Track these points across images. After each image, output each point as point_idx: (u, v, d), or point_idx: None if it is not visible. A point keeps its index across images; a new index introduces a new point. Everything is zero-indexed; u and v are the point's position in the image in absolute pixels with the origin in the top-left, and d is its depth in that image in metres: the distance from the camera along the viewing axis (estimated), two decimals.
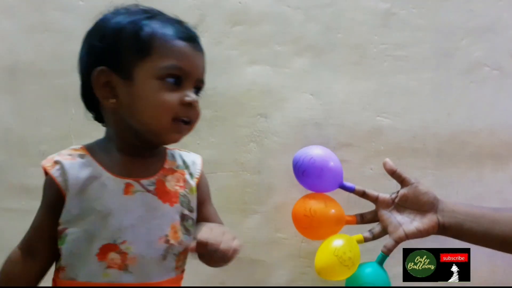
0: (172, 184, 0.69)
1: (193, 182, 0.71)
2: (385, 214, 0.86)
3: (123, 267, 0.62)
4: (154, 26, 0.64)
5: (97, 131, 1.01)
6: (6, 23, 1.00)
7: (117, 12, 0.69)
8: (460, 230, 0.83)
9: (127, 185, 0.65)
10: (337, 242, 0.86)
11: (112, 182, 0.64)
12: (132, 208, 0.64)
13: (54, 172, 0.64)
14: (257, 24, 1.03)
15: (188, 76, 0.65)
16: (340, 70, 1.04)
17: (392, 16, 1.05)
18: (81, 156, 0.66)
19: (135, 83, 0.63)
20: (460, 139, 1.04)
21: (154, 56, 0.63)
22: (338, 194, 0.93)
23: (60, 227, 0.63)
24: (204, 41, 0.76)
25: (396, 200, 0.86)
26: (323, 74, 1.04)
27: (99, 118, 0.71)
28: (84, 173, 0.64)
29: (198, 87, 0.68)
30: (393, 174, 0.86)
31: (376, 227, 0.89)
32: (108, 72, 0.63)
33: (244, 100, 1.01)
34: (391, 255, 0.86)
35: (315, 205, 0.89)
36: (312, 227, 0.89)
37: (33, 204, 0.98)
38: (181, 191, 0.69)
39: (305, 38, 1.04)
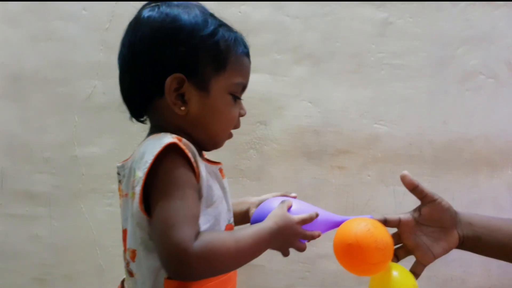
0: None
1: None
2: (410, 237, 0.77)
3: None
4: (228, 39, 0.65)
5: (100, 138, 1.03)
6: (10, 32, 1.02)
7: (182, 8, 0.65)
8: (478, 243, 0.77)
9: (220, 170, 0.68)
10: (407, 274, 0.74)
11: (214, 169, 0.67)
12: (227, 189, 0.68)
13: (191, 156, 0.58)
14: (256, 33, 1.05)
15: (244, 90, 0.69)
16: (338, 78, 1.06)
17: (389, 26, 1.07)
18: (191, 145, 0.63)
19: (211, 96, 0.64)
20: (456, 146, 1.05)
21: (228, 71, 0.65)
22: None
23: None
24: None
25: (419, 220, 0.76)
26: (321, 82, 1.05)
27: (136, 115, 0.68)
28: (201, 161, 0.62)
29: None
30: (414, 189, 0.75)
31: (399, 250, 0.79)
32: (183, 80, 0.62)
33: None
34: None
35: (382, 234, 0.71)
36: (385, 262, 0.72)
37: (37, 210, 1.01)
38: None
39: (304, 47, 1.06)
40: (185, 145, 0.59)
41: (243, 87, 0.67)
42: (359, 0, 1.06)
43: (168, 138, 0.58)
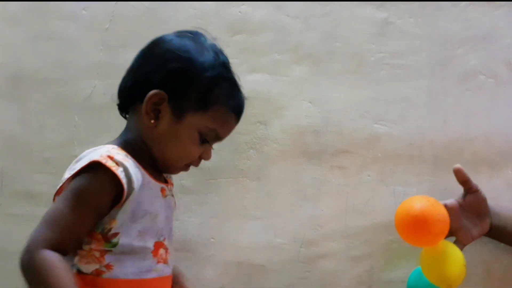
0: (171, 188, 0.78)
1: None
2: (455, 220, 0.89)
3: (166, 261, 0.71)
4: (224, 91, 0.71)
5: (100, 138, 1.03)
6: (10, 32, 1.02)
7: (201, 43, 0.72)
8: (503, 232, 0.92)
9: (162, 189, 0.72)
10: (457, 250, 0.88)
11: (154, 186, 0.70)
12: (164, 209, 0.72)
13: (120, 173, 0.63)
14: (256, 33, 1.05)
15: (217, 140, 0.74)
16: (338, 78, 1.06)
17: (389, 25, 1.07)
18: (130, 159, 0.68)
19: (181, 126, 0.69)
20: (456, 146, 1.05)
21: (208, 114, 0.70)
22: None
23: (111, 232, 0.65)
24: None
25: (463, 205, 0.91)
26: (321, 82, 1.05)
27: (121, 109, 0.77)
28: (139, 176, 0.67)
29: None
30: (465, 182, 0.91)
31: None
32: (164, 99, 0.68)
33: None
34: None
35: (442, 209, 0.85)
36: (444, 234, 0.86)
37: (37, 210, 1.00)
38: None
39: (304, 46, 1.06)
40: (118, 161, 0.63)
41: (216, 135, 0.72)
42: (359, 0, 1.07)
43: (100, 153, 0.64)
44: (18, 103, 1.01)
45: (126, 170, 0.64)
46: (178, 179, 0.94)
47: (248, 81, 1.04)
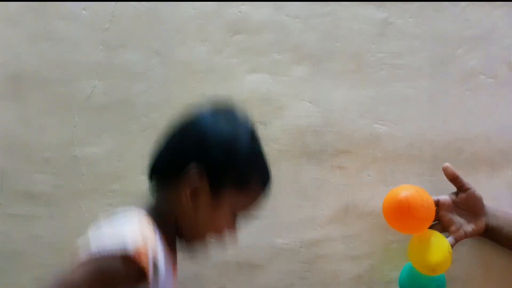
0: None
1: None
2: (447, 215, 0.93)
3: None
4: (258, 167, 0.73)
5: (100, 139, 1.03)
6: (10, 32, 1.02)
7: (236, 120, 0.74)
8: (499, 233, 0.93)
9: (174, 268, 0.74)
10: (444, 238, 0.91)
11: (169, 274, 0.70)
12: None
13: (150, 270, 0.63)
14: (256, 33, 1.05)
15: (246, 214, 0.74)
16: (338, 78, 1.06)
17: (389, 25, 1.07)
18: (157, 235, 0.68)
19: (218, 208, 0.70)
20: (456, 146, 1.05)
21: (243, 196, 0.71)
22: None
23: None
24: (204, 50, 0.78)
25: (456, 201, 0.93)
26: (321, 82, 1.05)
27: (151, 175, 0.75)
28: (163, 265, 0.67)
29: None
30: (455, 179, 0.93)
31: (435, 225, 0.95)
32: (205, 183, 0.69)
33: (244, 107, 1.03)
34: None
35: (427, 197, 0.91)
36: (428, 220, 0.91)
37: (37, 210, 1.01)
38: None
39: (304, 47, 1.06)
40: (150, 253, 0.62)
41: (248, 213, 0.74)
42: (359, 0, 1.07)
43: (132, 235, 0.62)
44: (18, 103, 1.01)
45: (155, 265, 0.64)
46: None
47: (248, 81, 1.04)
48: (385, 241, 1.02)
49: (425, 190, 0.93)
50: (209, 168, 0.69)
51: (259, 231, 1.03)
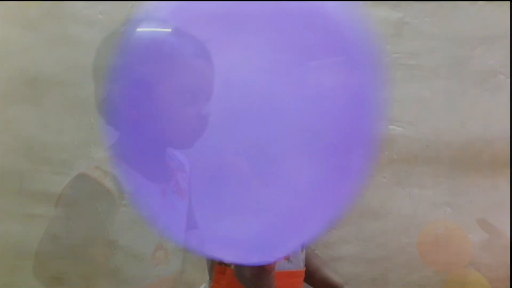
0: None
1: None
2: None
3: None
4: None
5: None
6: (29, 37, 1.04)
7: None
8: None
9: None
10: None
11: None
12: None
13: None
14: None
15: None
16: None
17: (405, 25, 1.05)
18: None
19: None
20: (474, 148, 1.03)
21: None
22: None
23: None
24: None
25: None
26: None
27: None
28: None
29: None
30: None
31: None
32: None
33: None
34: None
35: None
36: None
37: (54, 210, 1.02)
38: None
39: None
40: None
41: None
42: (374, 0, 1.06)
43: None
44: (36, 106, 1.03)
45: None
46: None
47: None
48: (400, 244, 1.01)
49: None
50: None
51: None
